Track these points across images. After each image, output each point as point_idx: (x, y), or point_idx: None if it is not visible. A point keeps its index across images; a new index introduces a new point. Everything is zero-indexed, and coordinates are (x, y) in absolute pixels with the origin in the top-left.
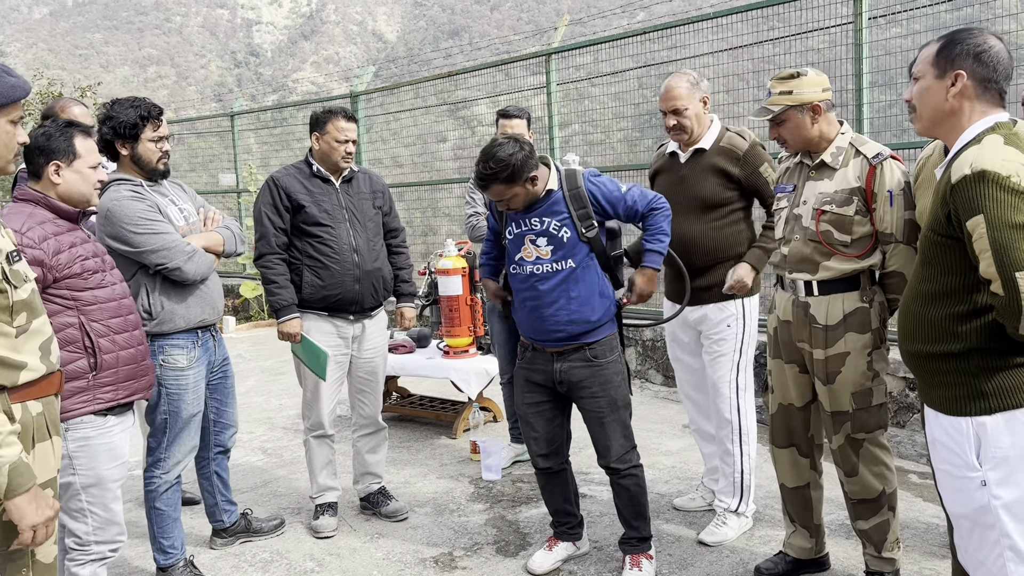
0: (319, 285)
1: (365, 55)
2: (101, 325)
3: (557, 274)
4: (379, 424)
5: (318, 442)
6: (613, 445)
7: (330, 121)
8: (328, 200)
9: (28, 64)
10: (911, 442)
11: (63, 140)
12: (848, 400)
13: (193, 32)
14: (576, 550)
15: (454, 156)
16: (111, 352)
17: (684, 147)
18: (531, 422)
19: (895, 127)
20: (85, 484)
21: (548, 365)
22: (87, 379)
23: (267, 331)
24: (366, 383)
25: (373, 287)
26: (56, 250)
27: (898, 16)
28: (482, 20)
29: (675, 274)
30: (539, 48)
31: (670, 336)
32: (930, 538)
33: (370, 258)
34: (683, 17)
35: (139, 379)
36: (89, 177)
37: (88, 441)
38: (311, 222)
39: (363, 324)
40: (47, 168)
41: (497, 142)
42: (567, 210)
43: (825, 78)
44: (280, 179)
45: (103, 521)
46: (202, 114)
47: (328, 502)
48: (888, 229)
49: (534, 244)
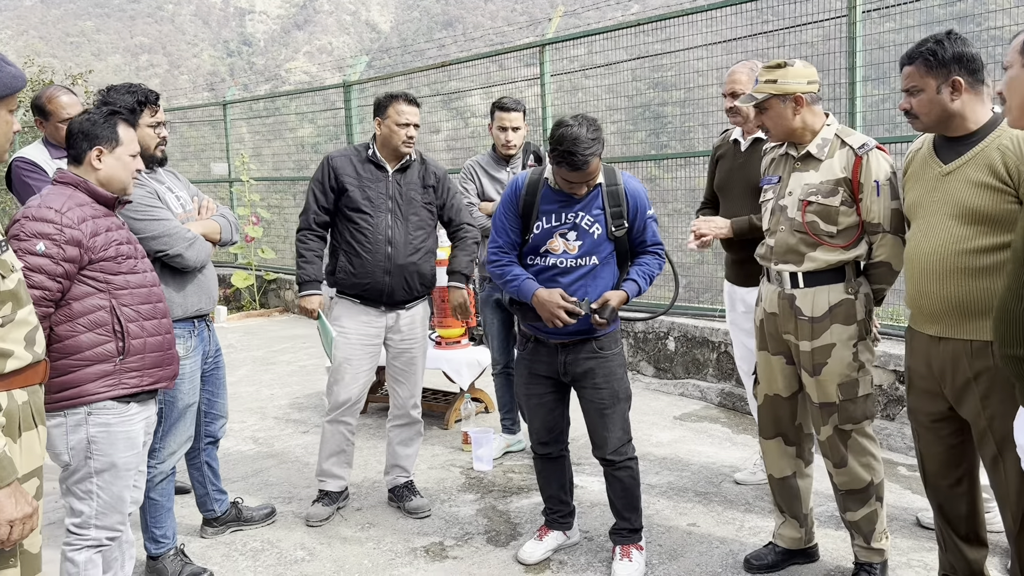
0: (350, 272)
1: (358, 45)
2: (131, 310)
3: (579, 269)
4: (411, 417)
5: (332, 427)
6: (611, 437)
7: (391, 105)
8: (375, 187)
9: (19, 51)
10: (900, 434)
11: (107, 127)
12: (835, 391)
13: (185, 21)
14: (567, 540)
15: (447, 147)
16: (139, 337)
17: (745, 134)
18: (533, 412)
19: (888, 121)
20: (98, 469)
21: (552, 357)
22: (114, 362)
23: (258, 321)
24: (400, 372)
25: (406, 281)
26: (94, 232)
27: (892, 10)
28: (476, 11)
29: (739, 256)
30: (533, 39)
31: (733, 324)
32: (918, 530)
33: (405, 252)
34: (677, 9)
35: (164, 367)
36: (129, 165)
37: (109, 428)
38: (352, 207)
39: (397, 314)
40: (90, 153)
41: (566, 122)
42: (603, 206)
43: (813, 70)
44: (334, 159)
45: (107, 506)
46: (194, 103)
47: (327, 490)
48: (875, 219)
49: (563, 238)
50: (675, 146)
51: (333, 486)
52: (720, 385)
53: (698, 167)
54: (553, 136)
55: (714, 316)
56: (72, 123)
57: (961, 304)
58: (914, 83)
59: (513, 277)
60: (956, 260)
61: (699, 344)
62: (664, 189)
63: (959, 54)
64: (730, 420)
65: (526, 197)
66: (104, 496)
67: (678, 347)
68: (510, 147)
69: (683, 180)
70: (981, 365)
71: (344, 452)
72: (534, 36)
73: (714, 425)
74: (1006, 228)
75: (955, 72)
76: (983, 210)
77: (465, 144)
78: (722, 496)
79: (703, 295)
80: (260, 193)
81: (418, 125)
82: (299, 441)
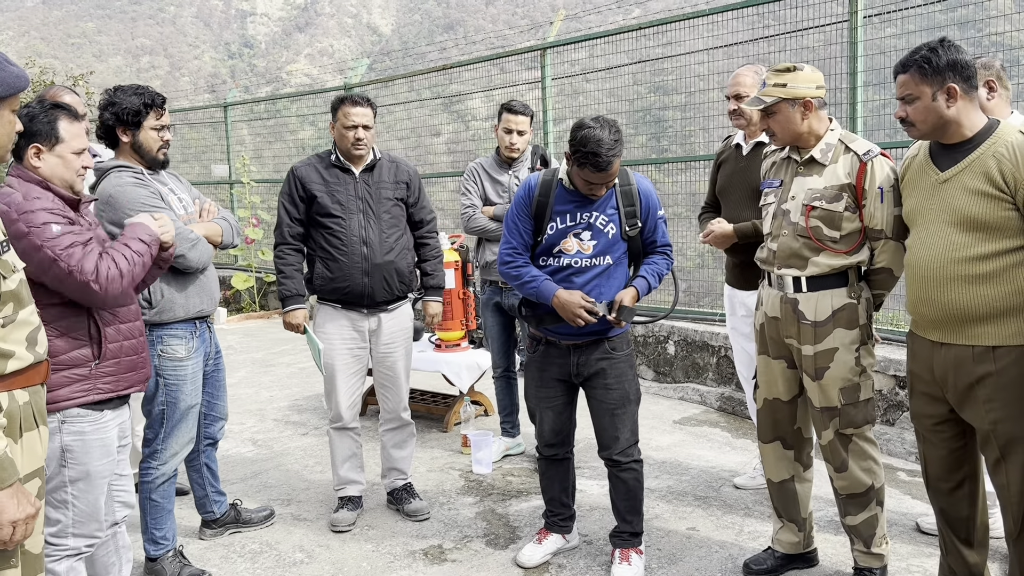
0: (328, 277)
1: (360, 48)
2: (108, 313)
3: (593, 268)
4: (402, 419)
5: (339, 434)
6: (621, 438)
7: (340, 108)
8: (343, 191)
9: (20, 52)
10: (900, 439)
11: (46, 123)
12: (837, 395)
13: (187, 22)
14: (566, 543)
15: (448, 150)
16: (116, 342)
17: (747, 138)
18: (543, 414)
19: (888, 126)
20: (73, 478)
21: (564, 359)
22: (89, 367)
23: (258, 323)
24: (385, 378)
25: (385, 280)
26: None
27: (892, 16)
28: (477, 14)
29: (739, 260)
30: (534, 43)
31: (733, 329)
32: (918, 535)
33: (381, 251)
34: (678, 13)
35: (138, 371)
36: (72, 163)
37: (83, 436)
38: (323, 213)
39: (379, 318)
40: (27, 151)
41: (588, 123)
42: (617, 206)
43: (820, 76)
44: (298, 169)
45: (84, 515)
46: (195, 105)
47: (349, 495)
48: (878, 225)
49: (577, 238)
50: (676, 150)
51: (353, 491)
52: (720, 389)
53: (699, 171)
54: (575, 138)
55: (714, 320)
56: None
57: (961, 311)
58: (909, 91)
59: (531, 279)
60: (955, 268)
61: (699, 348)
62: (665, 193)
63: (953, 61)
64: (730, 424)
65: (539, 198)
66: (80, 504)
67: (678, 351)
68: (513, 150)
69: (684, 184)
70: (984, 370)
71: (355, 456)
72: (535, 39)
73: (714, 429)
74: (1004, 235)
75: (950, 79)
76: (981, 218)
77: (466, 147)
78: (721, 500)
79: (703, 299)
80: (261, 195)
81: (368, 126)
82: (298, 443)
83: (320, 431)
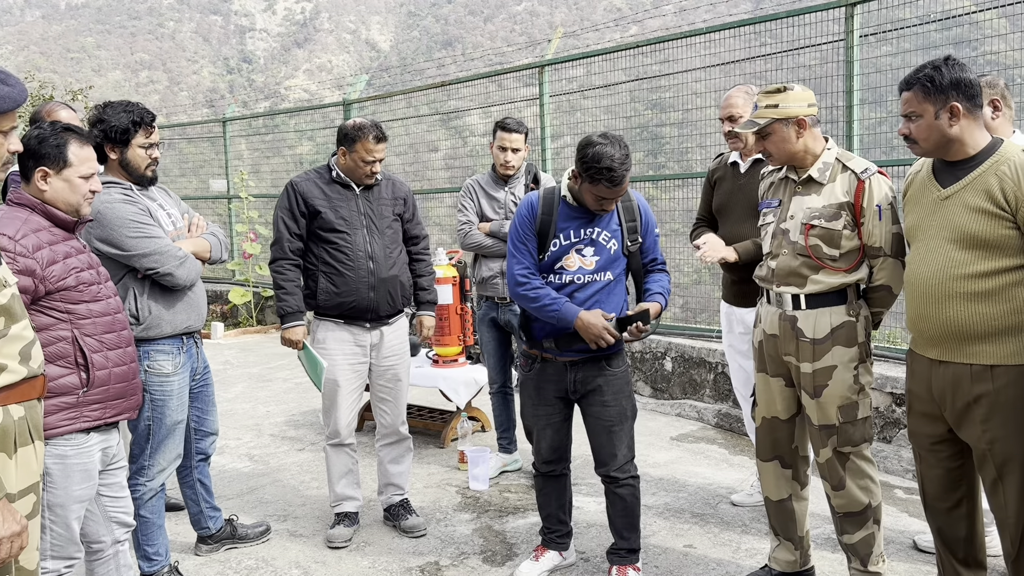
0: (333, 292)
1: (358, 64)
2: (95, 340)
3: (594, 284)
4: (401, 434)
5: (335, 450)
6: (618, 454)
7: (360, 141)
8: (346, 206)
9: (19, 67)
10: (897, 457)
11: (54, 146)
12: (835, 413)
13: (186, 38)
14: (563, 560)
15: (446, 166)
16: (104, 368)
17: (744, 157)
18: (542, 432)
19: (884, 144)
20: (52, 503)
21: (561, 375)
22: (76, 395)
23: (255, 337)
24: (386, 391)
25: (389, 295)
26: (51, 260)
27: (888, 35)
28: (475, 31)
29: (736, 277)
30: (532, 60)
31: (730, 347)
32: (915, 553)
33: (386, 265)
34: (675, 32)
35: (128, 398)
36: (79, 187)
37: (65, 460)
38: (327, 228)
39: (381, 331)
40: (35, 174)
41: (597, 140)
42: (619, 222)
43: (811, 94)
44: (299, 184)
45: (63, 539)
46: (193, 119)
47: (345, 512)
48: (877, 243)
49: (579, 254)
50: (672, 167)
51: (350, 507)
52: (717, 406)
53: (695, 188)
54: (587, 155)
55: (711, 336)
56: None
57: (960, 328)
58: (913, 108)
59: (552, 301)
60: (954, 285)
61: (696, 364)
62: (661, 210)
63: (957, 80)
64: (727, 441)
65: (543, 216)
66: (57, 528)
67: (675, 367)
68: (508, 167)
69: (680, 201)
70: (981, 389)
71: (352, 472)
72: (533, 56)
73: (711, 446)
74: (1004, 253)
75: (953, 98)
76: (981, 235)
77: (463, 163)
78: (719, 518)
79: (700, 315)
80: (258, 210)
81: (383, 159)
82: (295, 459)
83: (317, 447)
